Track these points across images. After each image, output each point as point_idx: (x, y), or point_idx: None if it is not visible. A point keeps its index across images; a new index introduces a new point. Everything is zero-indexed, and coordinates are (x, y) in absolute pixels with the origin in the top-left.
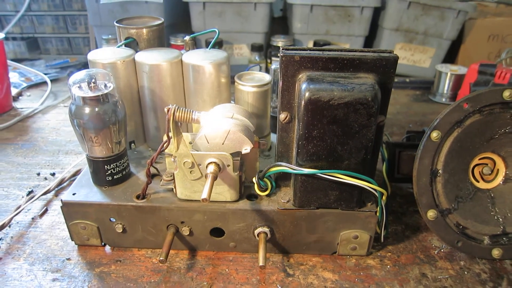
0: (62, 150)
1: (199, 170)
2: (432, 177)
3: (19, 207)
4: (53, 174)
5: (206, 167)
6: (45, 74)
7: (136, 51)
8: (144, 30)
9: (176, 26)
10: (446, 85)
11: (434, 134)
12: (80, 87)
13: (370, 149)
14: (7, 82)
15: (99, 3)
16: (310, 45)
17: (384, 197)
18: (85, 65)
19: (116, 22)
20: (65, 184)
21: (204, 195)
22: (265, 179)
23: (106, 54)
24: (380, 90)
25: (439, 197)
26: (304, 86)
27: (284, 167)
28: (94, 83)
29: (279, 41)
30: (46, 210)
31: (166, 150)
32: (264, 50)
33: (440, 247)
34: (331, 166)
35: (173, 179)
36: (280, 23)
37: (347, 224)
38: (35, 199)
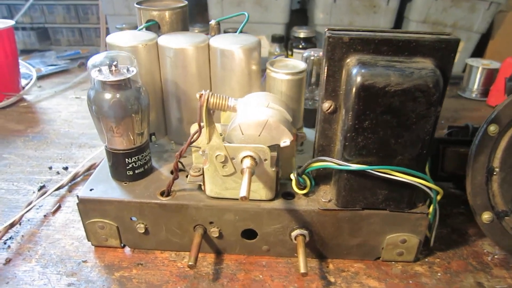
0: (75, 143)
1: (232, 164)
2: (488, 175)
3: (30, 203)
4: (66, 168)
5: (241, 161)
6: (56, 65)
7: (158, 35)
8: (167, 13)
9: (192, 16)
10: (477, 80)
11: (492, 128)
12: (100, 70)
13: (427, 143)
14: (17, 72)
15: None
16: None
17: (439, 197)
18: None
19: (136, 3)
20: (79, 179)
21: (243, 192)
22: (304, 176)
23: (127, 37)
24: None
25: (495, 198)
26: (355, 70)
27: (329, 163)
28: (115, 66)
29: (301, 32)
30: (59, 207)
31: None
32: (285, 41)
33: (493, 253)
34: (381, 162)
35: (202, 174)
36: (297, 15)
37: (394, 226)
38: (47, 195)
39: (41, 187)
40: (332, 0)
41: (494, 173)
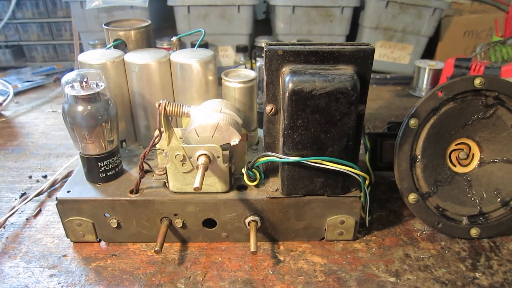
0: (52, 154)
1: (190, 162)
2: (412, 162)
3: (13, 208)
4: (45, 177)
5: (197, 159)
6: (32, 81)
7: (125, 53)
8: (132, 32)
9: (162, 30)
10: (425, 80)
11: (412, 122)
12: (72, 86)
13: (352, 136)
14: None
15: (85, 9)
16: None
17: (367, 182)
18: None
19: (104, 25)
20: (57, 185)
21: (196, 184)
22: (254, 169)
23: (96, 56)
24: (359, 80)
25: (419, 181)
26: (287, 78)
27: (271, 157)
28: (86, 82)
29: (264, 42)
30: (40, 211)
31: (157, 145)
32: (249, 51)
33: (422, 230)
34: (315, 154)
35: (165, 173)
36: (263, 25)
37: (333, 209)
38: (28, 200)
39: (23, 194)
40: (291, 10)
41: (417, 160)
